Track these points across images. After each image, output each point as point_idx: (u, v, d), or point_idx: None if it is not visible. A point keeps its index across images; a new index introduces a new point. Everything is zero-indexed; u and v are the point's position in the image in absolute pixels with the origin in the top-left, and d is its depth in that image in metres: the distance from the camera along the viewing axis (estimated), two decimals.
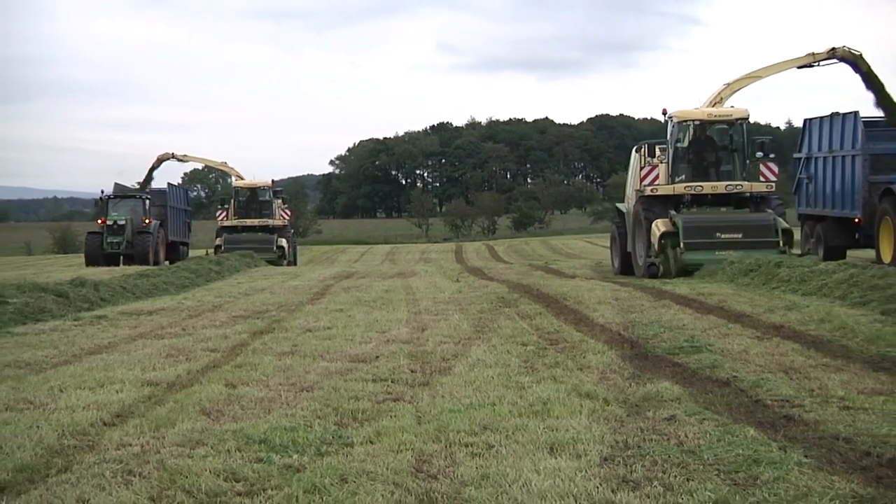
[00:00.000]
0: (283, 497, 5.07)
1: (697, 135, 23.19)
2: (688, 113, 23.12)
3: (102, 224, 37.18)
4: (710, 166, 23.24)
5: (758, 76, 25.42)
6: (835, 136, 24.37)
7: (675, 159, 22.93)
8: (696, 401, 7.44)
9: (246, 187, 39.76)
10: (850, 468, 5.56)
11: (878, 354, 9.58)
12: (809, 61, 25.27)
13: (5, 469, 5.77)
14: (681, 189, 22.34)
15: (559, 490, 5.06)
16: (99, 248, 36.47)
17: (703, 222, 21.51)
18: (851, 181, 23.07)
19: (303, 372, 9.13)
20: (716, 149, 23.52)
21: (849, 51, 24.88)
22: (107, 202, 38.15)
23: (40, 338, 12.58)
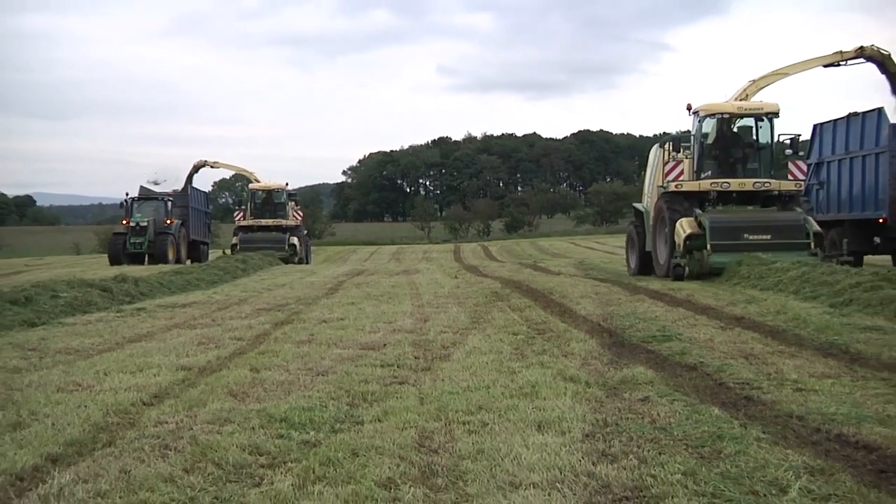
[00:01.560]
0: (301, 469, 5.08)
1: (724, 130, 19.76)
2: (716, 106, 19.76)
3: (126, 225, 35.98)
4: (736, 163, 19.82)
5: (784, 73, 21.79)
6: (853, 136, 21.75)
7: (701, 155, 19.64)
8: (667, 384, 7.46)
9: (262, 189, 38.71)
10: (802, 443, 5.59)
11: (827, 342, 9.61)
12: (836, 59, 21.90)
13: (57, 443, 5.79)
14: (706, 186, 19.10)
15: (546, 463, 5.08)
16: (122, 248, 35.18)
17: (731, 223, 18.38)
18: (875, 181, 20.41)
19: (319, 358, 9.14)
20: (743, 145, 19.97)
21: (878, 50, 21.82)
22: (131, 204, 36.94)
23: (87, 327, 12.59)
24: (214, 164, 41.81)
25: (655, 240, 19.97)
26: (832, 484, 4.70)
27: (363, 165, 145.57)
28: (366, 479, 4.82)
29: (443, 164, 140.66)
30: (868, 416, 6.15)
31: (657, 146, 21.86)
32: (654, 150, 22.32)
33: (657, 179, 20.88)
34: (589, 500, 4.48)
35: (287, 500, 4.53)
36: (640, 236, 21.84)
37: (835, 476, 4.84)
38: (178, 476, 5.00)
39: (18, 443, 5.83)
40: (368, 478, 4.85)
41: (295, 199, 39.81)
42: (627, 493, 4.60)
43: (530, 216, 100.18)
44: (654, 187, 21.05)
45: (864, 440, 5.60)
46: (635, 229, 22.43)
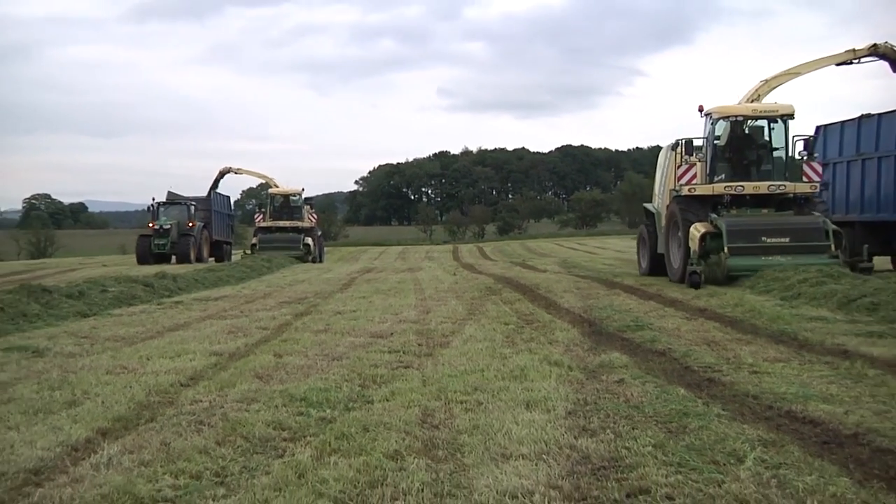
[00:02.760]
0: (318, 442, 5.09)
1: (737, 132, 17.11)
2: (730, 108, 17.08)
3: (152, 227, 34.61)
4: (750, 165, 17.10)
5: (797, 73, 18.85)
6: (865, 138, 18.94)
7: (714, 158, 16.90)
8: (640, 367, 7.47)
9: (280, 194, 37.72)
10: (756, 418, 5.60)
11: (778, 331, 9.62)
12: (849, 58, 18.97)
13: (106, 419, 5.82)
14: (720, 189, 16.45)
15: (533, 437, 5.09)
16: (148, 249, 33.90)
17: (749, 225, 15.72)
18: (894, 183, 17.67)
19: (334, 345, 9.15)
20: (757, 147, 17.23)
21: (891, 47, 18.87)
22: (157, 208, 35.74)
23: (132, 318, 12.60)
24: (238, 170, 40.78)
25: (668, 243, 17.51)
26: (782, 454, 4.72)
27: (373, 176, 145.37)
28: (375, 451, 4.83)
29: (443, 174, 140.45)
30: (814, 395, 6.17)
31: (667, 148, 19.08)
32: (664, 151, 19.65)
33: (669, 182, 18.34)
34: (571, 470, 4.49)
35: (306, 470, 4.54)
36: (651, 237, 19.34)
37: (785, 447, 4.86)
38: (211, 448, 5.02)
39: (73, 418, 5.85)
40: (378, 450, 4.86)
41: (310, 202, 38.96)
42: (605, 463, 4.61)
43: (520, 220, 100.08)
44: (666, 189, 18.61)
45: (810, 416, 5.62)
46: (647, 229, 19.80)
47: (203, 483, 4.42)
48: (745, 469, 4.44)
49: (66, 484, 4.43)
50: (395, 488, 4.23)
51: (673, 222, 17.14)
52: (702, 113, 17.22)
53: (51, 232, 69.73)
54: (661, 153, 19.86)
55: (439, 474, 4.44)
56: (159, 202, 35.91)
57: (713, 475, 4.35)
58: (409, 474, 4.43)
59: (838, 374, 7.02)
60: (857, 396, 6.16)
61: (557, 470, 4.47)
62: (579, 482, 4.29)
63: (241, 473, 4.57)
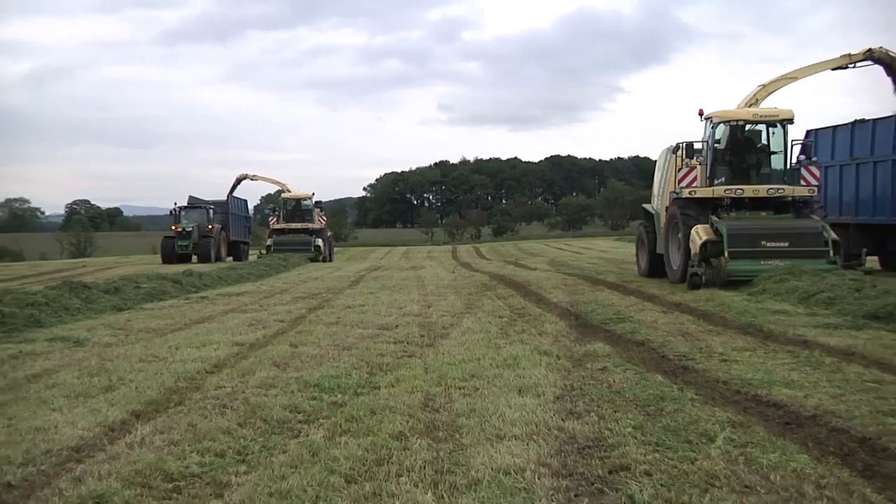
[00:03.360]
0: (330, 424, 5.10)
1: (737, 136, 15.79)
2: (731, 113, 15.79)
3: (175, 230, 33.78)
4: (750, 169, 15.75)
5: (794, 77, 17.34)
6: (859, 143, 17.69)
7: (714, 161, 15.57)
8: (621, 356, 7.47)
9: (292, 198, 37.05)
10: (726, 402, 5.61)
11: (746, 323, 9.63)
12: (845, 62, 17.44)
13: (140, 402, 5.83)
14: (720, 192, 15.20)
15: (525, 419, 5.09)
16: (172, 250, 33.15)
17: (749, 230, 14.37)
18: (892, 186, 16.45)
19: (344, 336, 9.14)
20: (756, 151, 15.90)
21: (886, 52, 17.43)
22: (179, 212, 34.84)
23: (162, 311, 12.60)
24: (254, 176, 40.13)
25: (668, 244, 16.20)
26: (749, 434, 4.73)
27: (379, 183, 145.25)
28: (382, 432, 4.84)
29: (443, 181, 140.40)
30: (777, 381, 6.18)
31: (666, 150, 17.63)
32: (663, 153, 18.06)
33: (668, 184, 16.96)
34: (559, 449, 4.49)
35: (319, 449, 4.54)
36: (650, 238, 17.89)
37: (751, 428, 4.87)
38: (233, 429, 5.02)
39: (110, 402, 5.86)
40: (384, 431, 4.86)
41: (320, 206, 38.19)
42: (589, 443, 4.62)
43: (512, 223, 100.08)
44: (665, 191, 17.20)
45: (773, 399, 5.63)
46: (645, 230, 18.34)
47: (226, 460, 4.43)
48: (715, 448, 4.45)
49: (103, 460, 4.44)
50: (399, 466, 4.23)
51: (673, 224, 15.87)
52: (702, 117, 15.93)
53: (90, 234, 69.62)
54: (661, 156, 18.29)
55: (440, 453, 4.44)
56: (181, 206, 35.34)
57: (687, 453, 4.36)
58: (412, 453, 4.43)
59: (799, 362, 7.02)
60: (816, 382, 6.17)
61: (546, 449, 4.47)
62: (566, 460, 4.30)
63: (261, 452, 4.58)
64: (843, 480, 3.94)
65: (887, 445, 4.53)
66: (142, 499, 3.86)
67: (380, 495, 3.80)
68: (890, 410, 5.24)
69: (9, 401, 6.04)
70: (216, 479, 4.13)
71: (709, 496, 3.72)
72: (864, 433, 4.76)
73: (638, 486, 3.85)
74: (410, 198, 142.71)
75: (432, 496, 3.76)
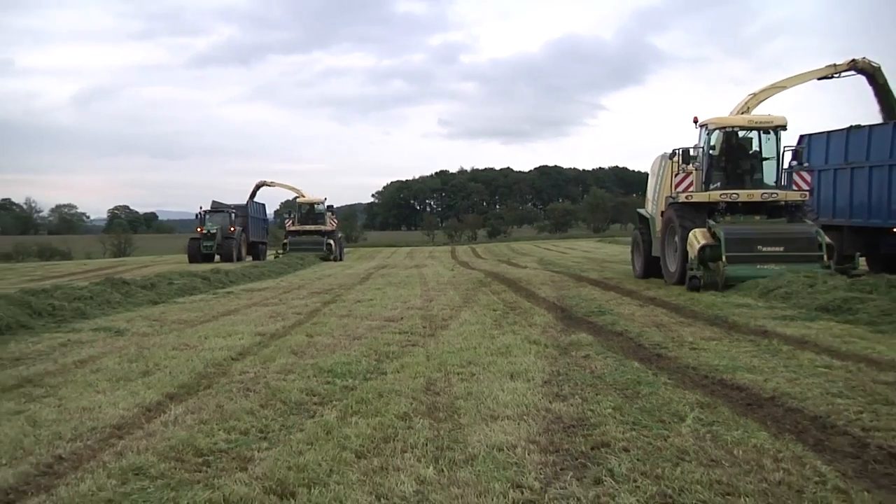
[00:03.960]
0: (342, 406, 5.10)
1: (731, 142, 14.60)
2: (726, 119, 14.69)
3: (200, 232, 32.95)
4: (744, 174, 14.59)
5: (782, 86, 16.23)
6: (854, 148, 16.25)
7: (710, 166, 14.45)
8: (602, 345, 7.48)
9: (306, 202, 36.61)
10: (695, 386, 5.62)
11: (713, 315, 9.64)
12: (830, 72, 16.40)
13: (173, 385, 5.85)
14: (716, 196, 14.10)
15: (516, 402, 5.10)
16: (197, 250, 32.32)
17: (745, 234, 13.28)
18: (888, 191, 15.08)
19: (355, 327, 9.14)
20: (749, 156, 14.74)
21: (869, 63, 16.50)
22: (204, 215, 33.96)
23: (193, 305, 12.60)
24: (271, 183, 39.34)
25: (664, 248, 14.96)
26: (715, 414, 4.74)
27: (386, 190, 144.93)
28: (388, 413, 4.84)
29: (443, 189, 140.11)
30: (740, 367, 6.19)
31: (661, 157, 16.45)
32: (657, 160, 16.83)
33: (664, 189, 15.77)
34: (546, 428, 4.49)
35: (332, 428, 4.55)
36: (645, 241, 16.59)
37: (717, 408, 4.88)
38: (256, 410, 5.03)
39: (147, 385, 5.87)
40: (390, 412, 4.87)
41: (331, 209, 37.55)
42: (574, 422, 4.62)
43: (505, 226, 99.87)
44: (661, 196, 15.97)
45: (737, 383, 5.64)
46: (640, 234, 17.04)
47: (250, 438, 4.44)
48: (685, 426, 4.46)
49: (141, 437, 4.46)
50: (404, 443, 4.24)
51: (669, 227, 14.60)
52: (696, 124, 14.76)
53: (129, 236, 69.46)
54: (655, 161, 16.96)
55: (440, 432, 4.45)
56: (206, 210, 34.59)
57: (660, 431, 4.37)
58: (415, 432, 4.44)
59: (759, 350, 7.04)
60: (774, 367, 6.18)
61: (535, 428, 4.48)
62: (553, 438, 4.31)
63: (280, 430, 4.58)
64: (797, 454, 3.95)
65: (835, 423, 4.55)
66: (175, 471, 3.87)
67: (387, 469, 3.81)
68: (838, 392, 5.26)
69: (59, 384, 6.07)
70: (241, 454, 4.14)
71: (679, 469, 3.73)
72: (816, 412, 4.77)
73: (617, 461, 3.86)
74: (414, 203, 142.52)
75: (433, 470, 3.77)
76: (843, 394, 5.22)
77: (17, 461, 4.09)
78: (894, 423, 4.53)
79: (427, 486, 3.55)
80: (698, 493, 3.42)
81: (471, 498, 3.38)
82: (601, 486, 3.54)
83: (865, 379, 5.68)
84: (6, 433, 4.58)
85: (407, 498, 3.43)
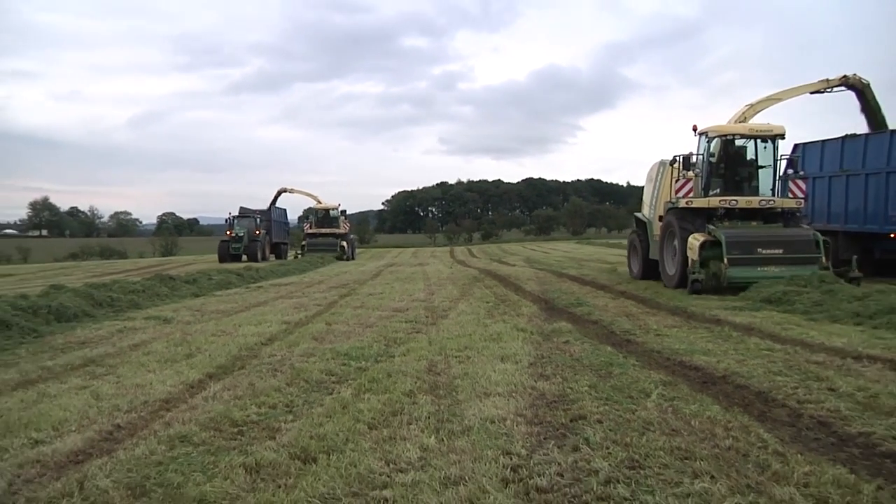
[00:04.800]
0: (357, 384, 5.10)
1: (729, 150, 12.99)
2: (727, 128, 13.10)
3: (229, 235, 32.02)
4: (742, 181, 12.96)
5: (778, 98, 14.60)
6: (849, 156, 14.84)
7: (709, 173, 12.86)
8: (580, 332, 7.47)
9: (322, 208, 35.76)
10: (659, 366, 5.62)
11: (674, 306, 9.64)
12: (823, 87, 14.74)
13: (212, 366, 5.85)
14: (716, 202, 12.53)
15: (506, 381, 5.09)
16: (227, 251, 31.22)
17: (746, 237, 11.77)
18: (885, 198, 13.73)
19: (367, 317, 9.13)
20: (747, 164, 13.08)
21: (859, 79, 14.84)
22: (233, 220, 33.04)
23: (228, 297, 12.58)
24: (291, 189, 38.13)
25: (663, 251, 13.25)
26: (676, 390, 4.74)
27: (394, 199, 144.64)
28: (396, 391, 4.84)
29: (443, 198, 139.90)
30: (697, 350, 6.20)
31: (660, 163, 14.80)
32: (655, 166, 15.04)
33: (662, 194, 14.19)
34: (532, 403, 4.49)
35: (348, 403, 4.55)
36: (642, 244, 14.91)
37: (677, 386, 4.89)
38: (282, 387, 5.03)
39: (190, 366, 5.87)
40: (397, 390, 4.87)
41: (345, 214, 36.53)
42: (555, 398, 4.62)
43: (496, 230, 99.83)
44: (659, 201, 14.37)
45: (694, 364, 5.65)
46: (637, 237, 15.24)
47: (277, 411, 4.44)
48: (651, 401, 4.46)
49: (185, 410, 4.46)
50: (409, 416, 4.24)
51: (668, 232, 13.00)
52: (695, 132, 13.19)
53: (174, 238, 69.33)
54: (653, 168, 15.14)
55: (440, 406, 4.45)
56: (234, 216, 33.72)
57: (629, 405, 4.37)
58: (419, 406, 4.44)
59: (713, 336, 7.04)
60: (725, 350, 6.19)
61: (522, 403, 4.48)
62: (537, 411, 4.31)
63: (303, 405, 4.58)
64: (744, 424, 3.97)
65: (776, 397, 4.57)
66: (214, 439, 3.87)
67: (394, 439, 3.81)
68: (778, 371, 5.28)
69: (117, 364, 6.08)
70: (270, 425, 4.14)
71: (645, 438, 3.73)
72: (760, 388, 4.79)
73: (592, 431, 3.86)
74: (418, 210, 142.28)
75: (435, 440, 3.77)
76: (783, 372, 5.24)
77: (83, 428, 4.12)
78: (823, 396, 4.56)
79: (429, 453, 3.55)
80: (661, 458, 3.43)
81: (467, 463, 3.38)
82: (578, 452, 3.54)
83: (800, 359, 5.70)
84: (75, 405, 4.61)
85: (412, 463, 3.43)
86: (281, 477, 3.28)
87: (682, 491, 3.02)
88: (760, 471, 3.25)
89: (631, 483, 3.11)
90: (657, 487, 3.06)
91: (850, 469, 3.28)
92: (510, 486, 3.09)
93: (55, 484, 3.24)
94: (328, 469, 3.34)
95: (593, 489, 3.06)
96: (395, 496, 3.01)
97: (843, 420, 4.05)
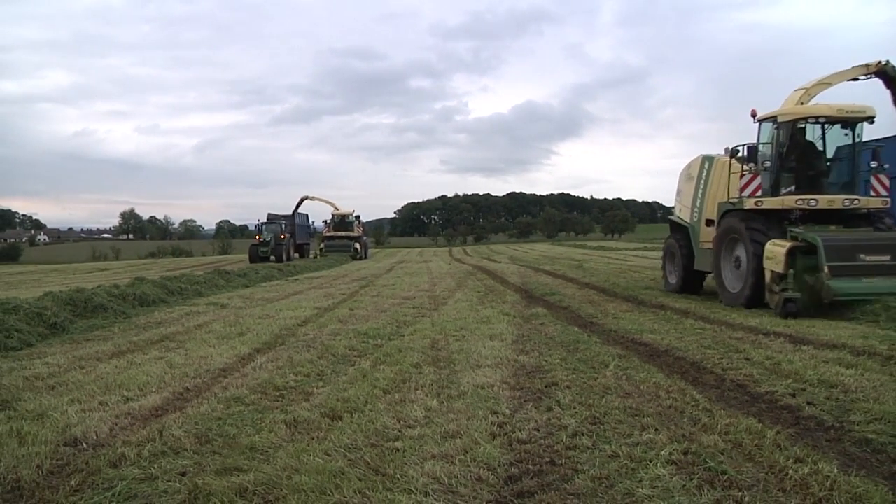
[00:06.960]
0: (374, 358, 5.09)
1: (800, 139, 8.24)
2: (808, 109, 8.01)
3: (258, 239, 29.66)
4: (818, 176, 8.23)
5: (828, 83, 8.42)
6: None
7: (780, 168, 8.17)
8: (553, 316, 7.45)
9: (339, 214, 33.91)
10: (616, 343, 5.61)
11: (628, 295, 9.62)
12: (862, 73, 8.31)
13: (258, 342, 5.82)
14: (791, 202, 7.88)
15: (494, 355, 5.08)
16: (256, 254, 28.47)
17: (845, 241, 7.24)
18: None
19: (382, 304, 9.11)
20: (822, 156, 8.32)
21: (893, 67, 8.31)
22: (261, 225, 30.75)
23: (271, 287, 12.58)
24: (312, 197, 35.67)
25: (720, 262, 8.71)
26: (629, 362, 4.74)
27: (403, 209, 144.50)
28: (405, 363, 4.83)
29: (443, 208, 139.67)
30: (646, 329, 6.20)
31: (703, 157, 9.93)
32: (697, 161, 10.10)
33: (714, 194, 9.47)
34: (514, 373, 4.49)
35: (367, 372, 4.54)
36: (682, 251, 10.07)
37: (630, 358, 4.89)
38: (314, 360, 5.02)
39: (242, 342, 5.86)
40: (407, 362, 4.86)
41: (359, 219, 34.87)
42: (533, 369, 4.62)
43: (487, 234, 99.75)
44: (707, 201, 9.67)
45: (643, 341, 5.65)
46: (677, 244, 10.26)
47: (311, 379, 4.43)
48: (609, 371, 4.46)
49: (238, 377, 4.46)
50: (416, 383, 4.23)
51: (730, 238, 8.53)
52: (755, 118, 8.52)
53: (229, 241, 69.41)
54: (693, 164, 10.23)
55: (441, 375, 4.44)
56: (263, 221, 31.54)
57: (592, 374, 4.37)
58: (424, 376, 4.43)
59: (658, 318, 7.05)
60: (668, 330, 6.20)
61: (507, 373, 4.47)
62: (519, 379, 4.31)
63: (331, 374, 4.57)
64: (681, 388, 3.98)
65: (705, 366, 4.59)
66: (261, 400, 3.88)
67: (404, 401, 3.81)
68: (708, 345, 5.30)
69: (185, 339, 6.09)
70: (305, 389, 4.14)
71: (605, 400, 3.74)
72: (694, 359, 4.81)
73: (563, 395, 3.86)
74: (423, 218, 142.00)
75: (436, 402, 3.78)
76: (711, 346, 5.26)
77: (160, 390, 4.15)
78: (741, 364, 4.59)
79: (432, 413, 3.56)
80: (617, 415, 3.44)
81: (462, 421, 3.40)
82: (551, 412, 3.55)
83: (725, 336, 5.73)
84: (154, 372, 4.64)
85: (418, 420, 3.44)
86: (314, 431, 3.29)
87: (633, 441, 3.04)
88: (693, 423, 3.28)
89: (593, 435, 3.12)
90: (613, 438, 3.08)
91: (758, 420, 3.32)
92: (497, 439, 3.10)
93: (142, 431, 3.29)
94: (351, 425, 3.35)
95: (563, 441, 3.07)
96: (405, 447, 3.03)
97: (754, 382, 4.10)
